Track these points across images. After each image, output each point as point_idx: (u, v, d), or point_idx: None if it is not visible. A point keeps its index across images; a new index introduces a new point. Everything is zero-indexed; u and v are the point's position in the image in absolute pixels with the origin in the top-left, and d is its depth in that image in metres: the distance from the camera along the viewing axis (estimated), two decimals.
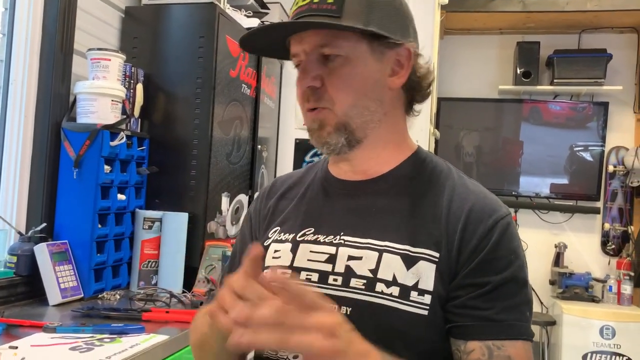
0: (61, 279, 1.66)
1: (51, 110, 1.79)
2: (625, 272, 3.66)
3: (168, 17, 2.13)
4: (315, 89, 0.83)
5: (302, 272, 0.86)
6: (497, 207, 0.83)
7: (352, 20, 0.79)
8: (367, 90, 0.83)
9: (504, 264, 0.79)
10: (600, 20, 3.74)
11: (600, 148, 3.89)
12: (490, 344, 0.76)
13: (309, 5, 0.81)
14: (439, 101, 3.90)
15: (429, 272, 0.78)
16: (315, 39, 0.82)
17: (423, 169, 0.89)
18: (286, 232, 0.92)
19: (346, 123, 0.83)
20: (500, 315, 0.77)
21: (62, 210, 1.79)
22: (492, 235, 0.79)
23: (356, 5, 0.80)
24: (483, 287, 0.77)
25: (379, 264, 0.80)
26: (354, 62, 0.82)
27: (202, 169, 2.06)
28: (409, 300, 0.78)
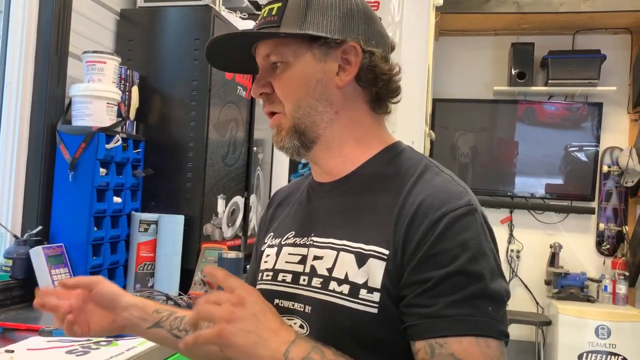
0: (57, 282, 1.66)
1: (46, 112, 1.79)
2: (620, 272, 3.68)
3: (163, 19, 2.13)
4: (267, 95, 0.88)
5: (279, 274, 0.89)
6: (451, 199, 0.77)
7: (288, 28, 0.84)
8: (310, 90, 0.85)
9: (448, 257, 0.74)
10: (594, 21, 3.77)
11: (594, 148, 3.91)
12: (433, 342, 0.72)
13: (261, 20, 0.87)
14: (434, 102, 3.91)
15: (378, 270, 0.77)
16: (263, 49, 0.87)
17: (392, 165, 0.87)
18: (276, 237, 0.96)
19: (296, 125, 0.86)
20: (444, 311, 0.72)
21: (58, 213, 1.78)
22: (436, 229, 0.75)
23: (293, 12, 0.84)
24: (425, 284, 0.74)
25: (335, 262, 0.82)
26: (295, 66, 0.85)
27: (198, 171, 2.06)
28: (358, 298, 0.77)
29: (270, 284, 0.90)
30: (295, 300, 0.85)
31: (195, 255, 2.02)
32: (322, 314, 0.80)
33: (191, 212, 2.04)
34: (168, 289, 1.88)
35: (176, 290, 1.93)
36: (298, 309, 0.84)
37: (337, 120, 0.87)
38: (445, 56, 4.01)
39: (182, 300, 1.81)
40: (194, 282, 1.97)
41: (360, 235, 0.81)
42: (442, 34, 3.98)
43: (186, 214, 2.01)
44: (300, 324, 0.83)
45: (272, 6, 0.86)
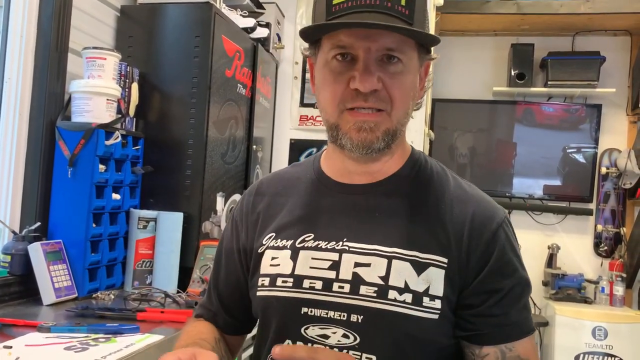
0: (55, 279, 1.66)
1: (46, 109, 1.78)
2: (618, 274, 3.68)
3: (164, 16, 2.12)
4: (375, 91, 0.79)
5: (304, 280, 0.84)
6: (496, 209, 0.86)
7: (420, 27, 0.79)
8: (411, 98, 0.84)
9: (512, 267, 0.83)
10: (594, 22, 3.76)
11: (593, 150, 3.91)
12: (503, 347, 0.81)
13: (382, 2, 0.76)
14: (434, 102, 3.92)
15: (438, 278, 0.80)
16: (387, 40, 0.78)
17: (421, 171, 0.90)
18: (283, 239, 0.89)
19: (396, 129, 0.83)
20: (511, 319, 0.82)
21: (57, 209, 1.78)
22: (498, 239, 0.82)
23: (420, 14, 0.79)
24: (497, 294, 0.81)
25: (389, 270, 0.80)
26: (410, 70, 0.82)
27: (197, 168, 2.05)
28: (422, 306, 0.80)
29: (293, 291, 0.84)
30: (330, 308, 0.81)
31: (194, 253, 2.02)
32: (382, 323, 0.79)
33: (190, 210, 2.04)
34: (166, 287, 1.88)
35: (174, 288, 1.93)
36: (338, 318, 0.81)
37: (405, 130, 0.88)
38: (444, 56, 4.01)
39: (181, 298, 1.80)
40: (192, 279, 1.96)
41: (411, 243, 0.82)
42: (442, 34, 3.97)
43: (185, 211, 2.01)
44: (343, 333, 0.80)
45: None
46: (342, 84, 0.80)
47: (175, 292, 1.88)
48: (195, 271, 1.97)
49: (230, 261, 0.97)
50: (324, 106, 0.84)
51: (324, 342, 0.81)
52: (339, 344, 0.80)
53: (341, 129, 0.82)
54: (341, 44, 0.79)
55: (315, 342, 0.82)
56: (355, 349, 0.79)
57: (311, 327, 0.82)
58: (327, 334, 0.81)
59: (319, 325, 0.81)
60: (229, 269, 0.98)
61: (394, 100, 0.80)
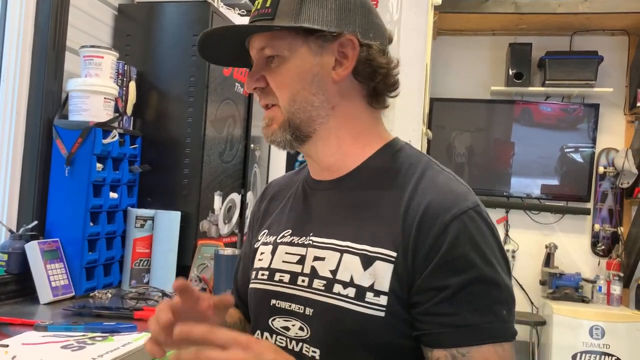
0: (52, 277, 1.65)
1: (43, 107, 1.78)
2: (615, 273, 3.70)
3: (161, 15, 2.12)
4: (262, 88, 0.86)
5: (276, 273, 0.87)
6: (459, 200, 0.77)
7: (283, 20, 0.81)
8: (306, 85, 0.83)
9: (468, 263, 0.73)
10: (592, 22, 3.77)
11: (590, 149, 3.92)
12: (455, 351, 0.72)
13: (254, 12, 0.85)
14: (432, 101, 3.92)
15: (385, 273, 0.76)
16: (258, 42, 0.85)
17: (392, 162, 0.85)
18: (271, 235, 0.94)
19: (290, 119, 0.84)
20: (465, 321, 0.72)
21: (54, 208, 1.78)
22: (449, 232, 0.74)
23: (287, 4, 0.82)
24: (444, 291, 0.73)
25: (339, 264, 0.80)
26: (291, 60, 0.83)
27: (194, 167, 2.05)
28: (364, 302, 0.76)
29: (267, 284, 0.88)
30: (293, 301, 0.83)
31: (192, 252, 2.02)
32: (326, 317, 0.79)
33: (188, 209, 2.03)
34: (164, 285, 1.88)
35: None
36: (297, 311, 0.82)
37: (333, 115, 0.85)
38: (443, 55, 4.02)
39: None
40: (189, 278, 1.96)
41: (364, 236, 0.79)
42: (440, 34, 3.98)
43: (183, 210, 2.01)
44: (300, 326, 0.81)
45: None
46: None
47: (173, 291, 1.88)
48: (193, 270, 1.97)
49: (245, 258, 1.04)
50: None
51: (285, 333, 0.83)
52: (296, 336, 0.81)
53: None
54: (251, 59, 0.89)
55: (278, 334, 0.84)
56: (307, 342, 0.80)
57: (277, 319, 0.84)
58: (288, 326, 0.83)
59: (283, 317, 0.84)
60: (244, 266, 1.04)
61: (277, 92, 0.84)
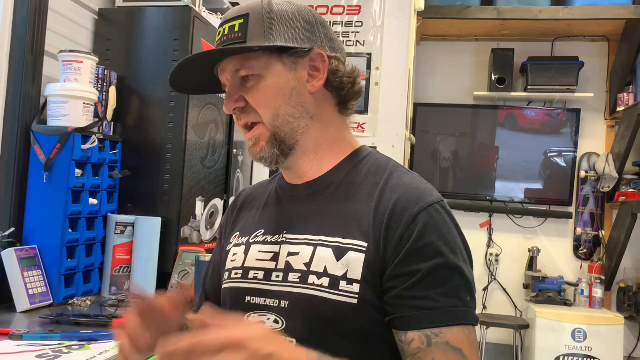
0: (30, 285, 1.63)
1: (21, 112, 1.76)
2: (597, 276, 3.73)
3: (142, 19, 2.11)
4: (241, 108, 0.89)
5: (250, 271, 0.91)
6: (425, 195, 0.84)
7: (255, 41, 0.86)
8: (286, 99, 0.88)
9: (432, 251, 0.80)
10: (573, 28, 3.82)
11: (572, 154, 3.96)
12: (429, 332, 0.77)
13: (221, 38, 0.89)
14: (416, 106, 3.93)
15: (357, 262, 0.81)
16: (231, 65, 0.89)
17: (360, 167, 0.92)
18: (243, 236, 0.98)
19: (275, 134, 0.88)
20: (435, 303, 0.78)
21: (32, 214, 1.75)
22: (418, 222, 0.81)
23: (258, 27, 0.87)
24: (415, 276, 0.79)
25: (312, 257, 0.84)
26: (268, 78, 0.88)
27: (176, 173, 2.04)
28: (338, 290, 0.81)
29: (240, 282, 0.92)
30: (267, 296, 0.87)
31: (173, 258, 2.00)
32: (302, 307, 0.83)
33: (169, 215, 2.02)
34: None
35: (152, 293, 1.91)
36: (271, 305, 0.86)
37: (312, 125, 0.91)
38: (426, 61, 4.04)
39: None
40: (170, 285, 1.94)
41: (336, 231, 0.85)
42: (423, 39, 4.00)
43: (164, 216, 1.99)
44: (274, 319, 0.85)
45: (232, 23, 0.88)
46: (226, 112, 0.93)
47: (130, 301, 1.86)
48: (174, 277, 1.95)
49: (215, 266, 1.06)
50: None
51: None
52: (271, 329, 0.83)
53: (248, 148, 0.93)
54: (222, 83, 0.93)
55: None
56: (282, 334, 0.83)
57: (252, 315, 0.88)
58: (263, 320, 0.86)
59: (258, 313, 0.87)
60: (214, 273, 1.06)
61: (257, 108, 0.88)
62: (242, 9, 0.89)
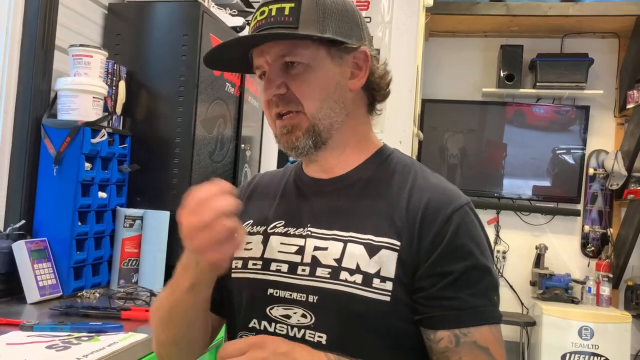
0: (39, 277, 1.65)
1: (31, 106, 1.77)
2: (604, 274, 3.72)
3: (152, 14, 2.12)
4: (281, 95, 0.87)
5: (272, 263, 0.90)
6: (455, 197, 0.86)
7: (308, 29, 0.84)
8: (330, 92, 0.88)
9: (466, 251, 0.82)
10: (583, 25, 3.80)
11: (581, 151, 3.94)
12: (457, 331, 0.80)
13: (267, 19, 0.86)
14: (424, 102, 3.93)
15: (390, 260, 0.82)
16: (276, 49, 0.86)
17: (386, 166, 0.93)
18: (257, 225, 0.96)
19: (314, 125, 0.87)
20: (466, 303, 0.80)
21: (42, 207, 1.77)
22: (451, 224, 0.83)
23: (311, 14, 0.85)
24: (447, 277, 0.81)
25: (343, 253, 0.84)
26: (314, 68, 0.87)
27: (184, 167, 2.05)
28: (372, 287, 0.81)
29: (261, 273, 0.91)
30: (293, 290, 0.86)
31: (180, 252, 2.01)
32: (333, 303, 0.83)
33: (177, 208, 2.01)
34: (152, 285, 1.88)
35: (160, 287, 1.92)
36: (299, 299, 0.86)
37: (347, 122, 0.91)
38: (435, 57, 4.03)
39: None
40: None
41: (367, 227, 0.85)
42: (432, 35, 3.99)
43: (172, 210, 2.00)
44: (302, 313, 0.85)
45: (281, 5, 0.85)
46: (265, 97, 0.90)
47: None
48: None
49: None
50: (267, 120, 0.94)
51: (286, 321, 0.86)
52: (299, 323, 0.85)
53: (276, 135, 0.91)
54: (256, 66, 0.90)
55: (278, 322, 0.87)
56: (311, 328, 0.84)
57: (275, 307, 0.87)
58: (289, 314, 0.86)
59: (282, 306, 0.87)
60: None
61: (301, 99, 0.86)
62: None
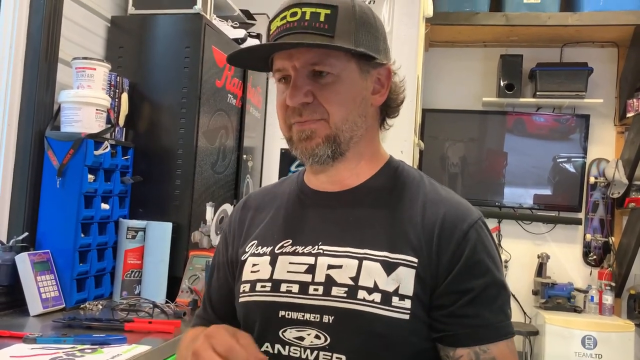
0: (42, 289, 1.65)
1: (35, 118, 1.78)
2: (607, 283, 3.71)
3: (154, 27, 2.13)
4: (307, 104, 0.85)
5: (282, 284, 0.86)
6: (469, 211, 0.86)
7: (343, 41, 0.83)
8: (356, 106, 0.87)
9: (484, 267, 0.82)
10: (582, 34, 3.81)
11: (582, 160, 3.94)
12: (477, 348, 0.80)
13: (299, 22, 0.82)
14: (424, 112, 3.93)
15: (408, 277, 0.81)
16: (307, 56, 0.83)
17: (396, 178, 0.92)
18: (264, 245, 0.92)
19: (336, 135, 0.86)
20: (485, 320, 0.81)
21: (45, 219, 1.78)
22: (468, 240, 0.82)
23: (346, 25, 0.83)
24: (467, 294, 0.81)
25: (359, 271, 0.82)
26: (344, 80, 0.85)
27: (186, 178, 2.06)
28: (391, 306, 0.80)
29: (271, 295, 0.87)
30: (305, 310, 0.84)
31: (183, 263, 2.02)
32: (351, 323, 0.81)
33: (179, 220, 2.04)
34: (155, 297, 1.88)
35: (163, 298, 1.92)
36: (312, 320, 0.83)
37: (364, 136, 0.90)
38: (435, 67, 4.04)
39: (169, 308, 1.80)
40: (181, 289, 1.96)
41: (382, 244, 0.84)
42: (432, 45, 4.01)
43: (174, 221, 2.01)
44: (315, 334, 0.82)
45: (316, 10, 0.82)
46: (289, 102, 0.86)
47: (164, 303, 1.88)
48: (184, 281, 1.97)
49: (221, 273, 1.01)
50: (279, 123, 0.91)
51: (299, 344, 0.83)
52: (312, 345, 0.82)
53: (293, 142, 0.88)
54: (277, 68, 0.87)
55: (292, 345, 0.84)
56: (326, 350, 0.82)
57: (288, 330, 0.85)
58: (303, 335, 0.83)
59: (295, 328, 0.84)
60: (220, 282, 1.01)
61: (328, 109, 0.85)
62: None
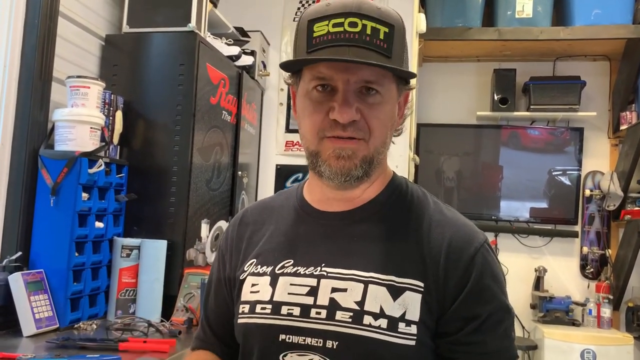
0: (36, 309, 1.63)
1: (29, 137, 1.78)
2: (604, 296, 3.70)
3: (148, 45, 2.14)
4: (354, 121, 0.81)
5: (282, 307, 0.84)
6: (475, 234, 0.85)
7: (397, 62, 0.81)
8: (390, 127, 0.86)
9: (491, 293, 0.81)
10: (574, 48, 3.85)
11: (577, 172, 3.95)
12: None
13: (361, 36, 0.78)
14: (419, 127, 3.95)
15: (415, 303, 0.79)
16: (366, 73, 0.80)
17: (400, 196, 0.90)
18: (263, 265, 0.90)
19: (372, 158, 0.83)
20: (491, 346, 0.80)
21: (39, 238, 1.76)
22: (475, 265, 0.81)
23: (398, 45, 0.81)
24: (473, 321, 0.80)
25: (365, 295, 0.80)
26: (387, 101, 0.84)
27: (181, 195, 2.05)
28: (397, 332, 0.78)
29: (271, 318, 0.84)
30: (307, 334, 0.81)
31: (178, 281, 2.00)
32: (357, 349, 0.78)
33: (174, 237, 2.02)
34: (150, 316, 1.86)
35: (158, 317, 1.90)
36: (315, 344, 0.80)
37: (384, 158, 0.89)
38: (428, 82, 4.07)
39: (164, 327, 1.78)
40: (176, 308, 1.94)
41: (388, 267, 0.81)
42: (425, 60, 4.04)
43: (169, 239, 2.00)
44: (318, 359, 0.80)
45: (376, 26, 0.79)
46: (321, 113, 0.82)
47: (159, 321, 1.86)
48: (180, 299, 1.95)
49: (219, 292, 0.99)
50: (304, 134, 0.86)
51: None
52: None
53: (321, 156, 0.83)
54: (321, 76, 0.81)
55: None
56: None
57: (289, 354, 0.82)
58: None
59: (297, 352, 0.81)
60: (218, 300, 0.99)
61: (372, 130, 0.82)
62: (382, 13, 0.80)
